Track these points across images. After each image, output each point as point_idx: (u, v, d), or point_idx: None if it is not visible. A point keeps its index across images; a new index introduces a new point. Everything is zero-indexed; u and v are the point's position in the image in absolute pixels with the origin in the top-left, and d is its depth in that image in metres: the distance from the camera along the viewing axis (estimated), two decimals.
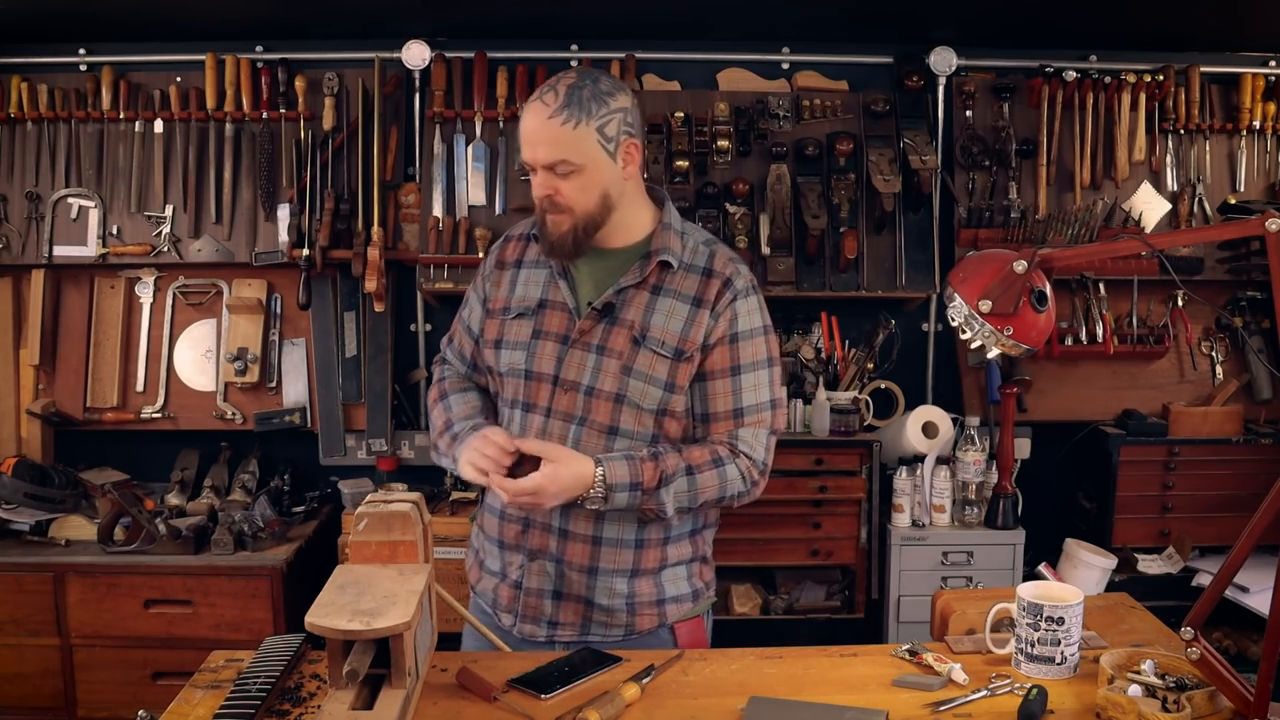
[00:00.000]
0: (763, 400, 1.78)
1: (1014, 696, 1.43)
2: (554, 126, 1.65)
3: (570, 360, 1.74)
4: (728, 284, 1.75)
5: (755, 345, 1.77)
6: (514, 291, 1.82)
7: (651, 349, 1.72)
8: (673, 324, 1.73)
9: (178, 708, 1.40)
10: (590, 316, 1.74)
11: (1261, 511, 1.31)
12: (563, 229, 1.71)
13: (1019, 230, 3.09)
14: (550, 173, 1.68)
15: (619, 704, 1.40)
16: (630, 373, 1.72)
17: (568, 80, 1.67)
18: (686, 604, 1.83)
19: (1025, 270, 1.64)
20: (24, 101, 3.09)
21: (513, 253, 1.87)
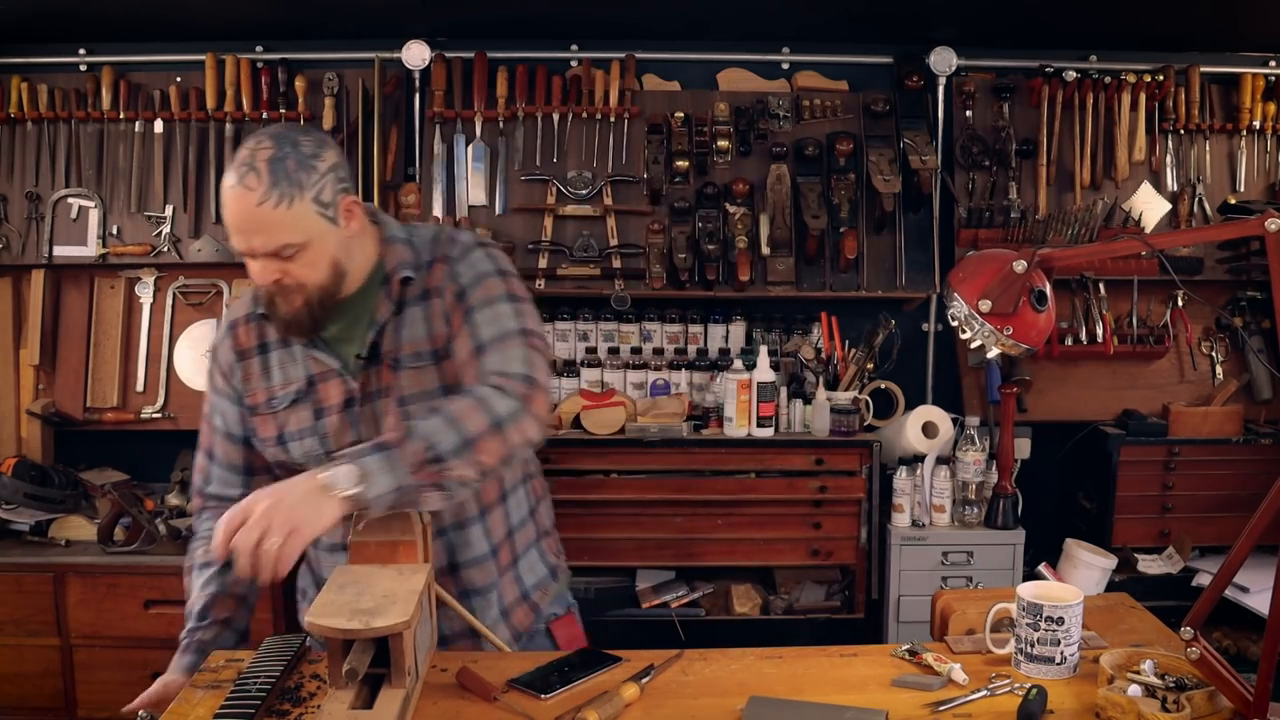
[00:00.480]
0: (507, 329, 1.61)
1: (1014, 696, 1.42)
2: (266, 212, 1.47)
3: (362, 420, 1.64)
4: (447, 259, 1.65)
5: (485, 287, 1.64)
6: (271, 379, 1.67)
7: (409, 367, 1.62)
8: (417, 330, 1.63)
9: (177, 708, 1.40)
10: (361, 369, 1.63)
11: (1261, 511, 1.31)
12: (296, 306, 1.56)
13: (1019, 230, 3.09)
14: (273, 258, 1.51)
15: (618, 704, 1.40)
16: (405, 401, 1.62)
17: (265, 152, 1.48)
18: (549, 586, 1.82)
19: (1025, 270, 1.64)
20: (24, 101, 3.09)
21: (248, 339, 1.69)
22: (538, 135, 3.13)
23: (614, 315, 3.14)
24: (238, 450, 1.72)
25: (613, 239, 3.11)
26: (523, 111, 3.12)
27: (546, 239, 3.10)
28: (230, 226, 1.51)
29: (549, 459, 2.85)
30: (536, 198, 3.13)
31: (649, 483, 2.89)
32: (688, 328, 3.16)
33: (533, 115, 3.13)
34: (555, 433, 2.88)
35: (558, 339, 3.15)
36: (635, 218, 3.12)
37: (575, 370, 3.06)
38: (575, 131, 3.14)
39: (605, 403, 2.90)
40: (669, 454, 2.88)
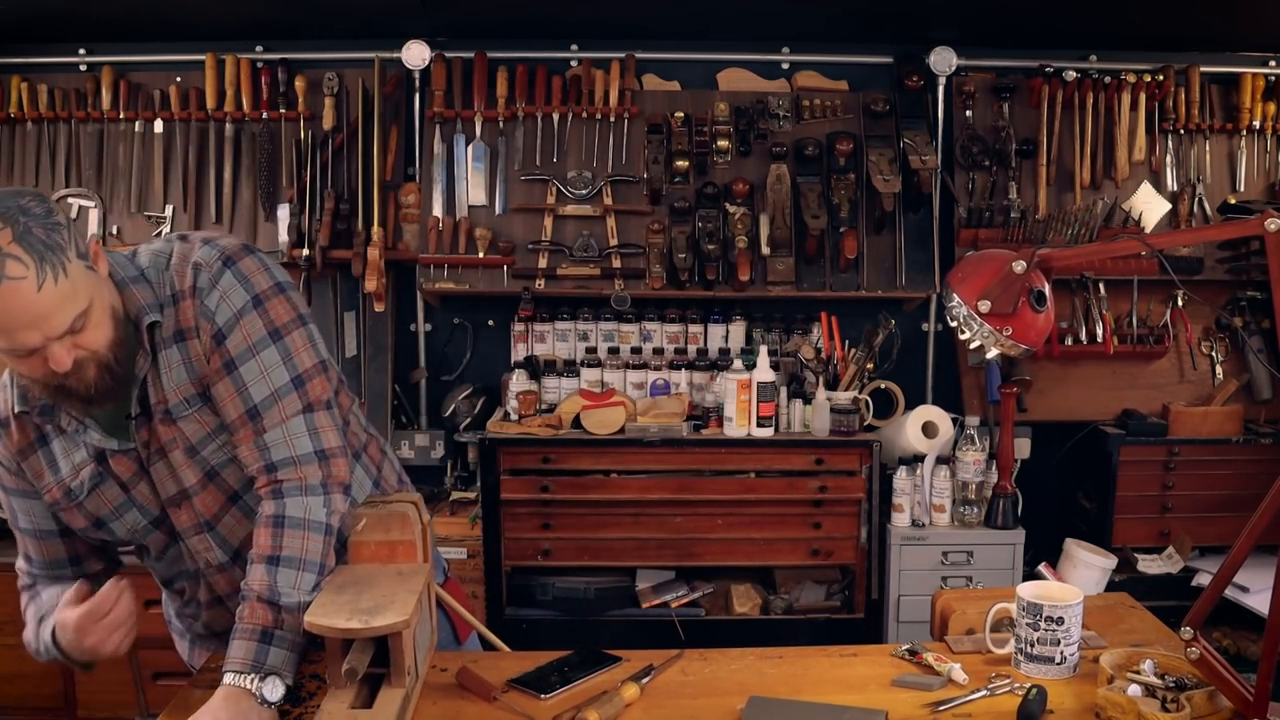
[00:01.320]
0: (281, 383, 1.45)
1: (1013, 696, 1.42)
2: (48, 295, 1.26)
3: (159, 479, 1.49)
4: (195, 291, 1.43)
5: (244, 327, 1.44)
6: (60, 471, 1.49)
7: (185, 414, 1.45)
8: (179, 375, 1.45)
9: (177, 707, 1.39)
10: (137, 429, 1.46)
11: (1261, 511, 1.31)
12: (91, 377, 1.35)
13: (1019, 230, 3.09)
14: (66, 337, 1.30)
15: (618, 704, 1.40)
16: (195, 450, 1.47)
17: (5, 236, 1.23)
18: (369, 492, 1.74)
19: (1024, 270, 1.64)
20: (24, 101, 3.10)
21: (22, 437, 1.49)
22: (538, 135, 3.13)
23: (614, 315, 3.14)
24: (56, 544, 1.57)
25: (613, 239, 3.11)
26: (523, 111, 3.12)
27: (546, 239, 3.10)
28: (10, 328, 1.26)
29: (549, 459, 2.86)
30: (536, 198, 3.13)
31: (649, 483, 2.89)
32: (688, 328, 3.16)
33: (533, 115, 3.13)
34: (555, 433, 2.88)
35: (558, 339, 3.15)
36: (635, 218, 3.12)
37: (575, 370, 3.06)
38: (575, 131, 3.14)
39: (605, 403, 2.90)
40: (669, 454, 2.88)
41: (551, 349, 3.15)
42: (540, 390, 3.04)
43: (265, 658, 1.34)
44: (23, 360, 1.32)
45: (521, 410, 2.96)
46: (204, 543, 1.54)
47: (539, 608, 2.93)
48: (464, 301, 3.24)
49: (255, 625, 1.35)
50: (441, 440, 3.16)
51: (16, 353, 1.30)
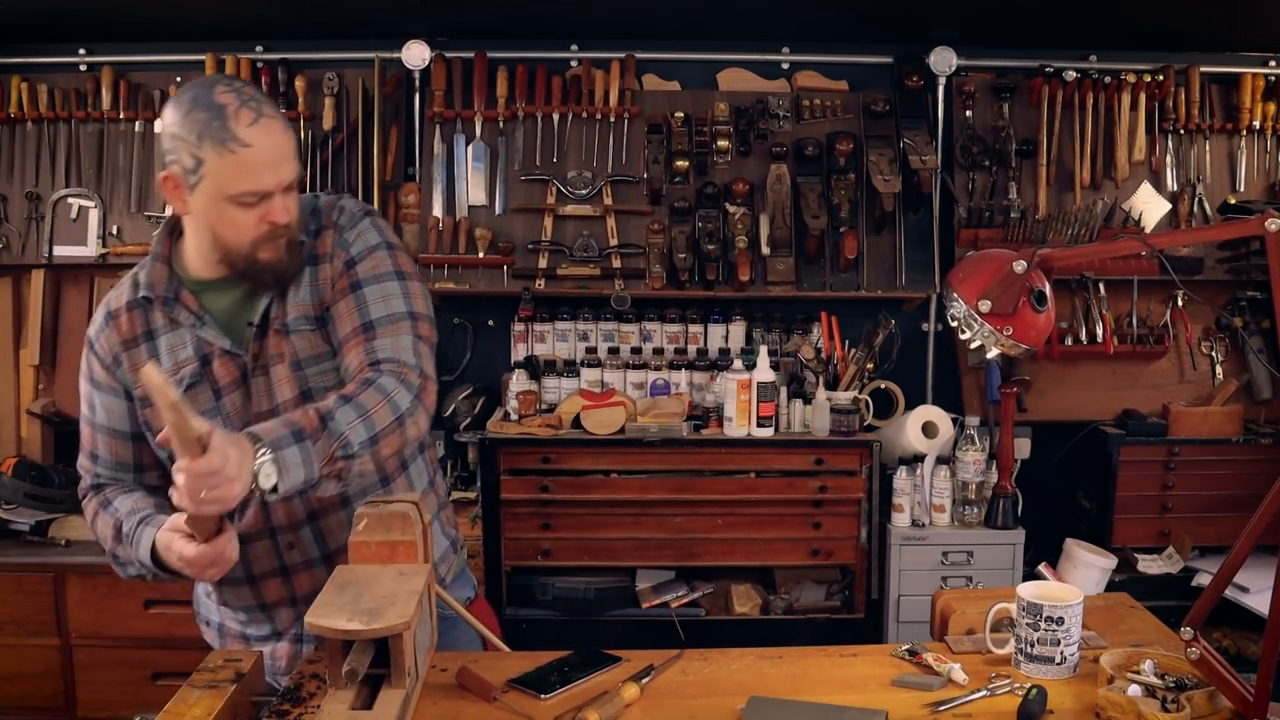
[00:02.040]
0: (397, 310, 1.57)
1: (1013, 696, 1.42)
2: (289, 139, 1.49)
3: (255, 393, 1.59)
4: (335, 226, 1.61)
5: (375, 260, 1.59)
6: (163, 365, 1.58)
7: (299, 330, 1.58)
8: (304, 295, 1.58)
9: (174, 707, 1.39)
10: (253, 339, 1.57)
11: (1261, 511, 1.31)
12: (284, 250, 1.53)
13: (1019, 230, 3.09)
14: (286, 191, 1.50)
15: (618, 704, 1.40)
16: (300, 364, 1.58)
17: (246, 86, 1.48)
18: (450, 557, 1.79)
19: (1025, 270, 1.64)
20: (24, 101, 3.10)
21: (132, 327, 1.60)
22: (538, 135, 3.13)
23: (614, 315, 3.14)
24: (126, 447, 1.63)
25: (613, 239, 3.11)
26: (523, 111, 3.12)
27: (546, 239, 3.10)
28: (263, 165, 1.45)
29: (549, 459, 2.86)
30: (536, 198, 3.13)
31: (649, 483, 2.89)
32: (688, 328, 3.16)
33: (533, 115, 3.13)
34: (555, 433, 2.88)
35: (557, 339, 3.15)
36: (635, 218, 3.12)
37: (575, 370, 3.06)
38: (575, 131, 3.14)
39: (605, 403, 2.90)
40: (669, 454, 2.88)
41: (551, 349, 3.15)
42: (540, 390, 3.04)
43: (285, 445, 1.36)
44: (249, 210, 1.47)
45: (521, 410, 2.96)
46: None
47: (539, 608, 2.93)
48: (464, 301, 3.24)
49: (297, 422, 1.39)
50: (441, 440, 3.16)
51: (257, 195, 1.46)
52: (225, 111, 1.43)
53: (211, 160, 1.45)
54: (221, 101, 1.44)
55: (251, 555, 1.63)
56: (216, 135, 1.43)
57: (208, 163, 1.45)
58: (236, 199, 1.47)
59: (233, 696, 1.41)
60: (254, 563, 1.64)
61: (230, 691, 1.41)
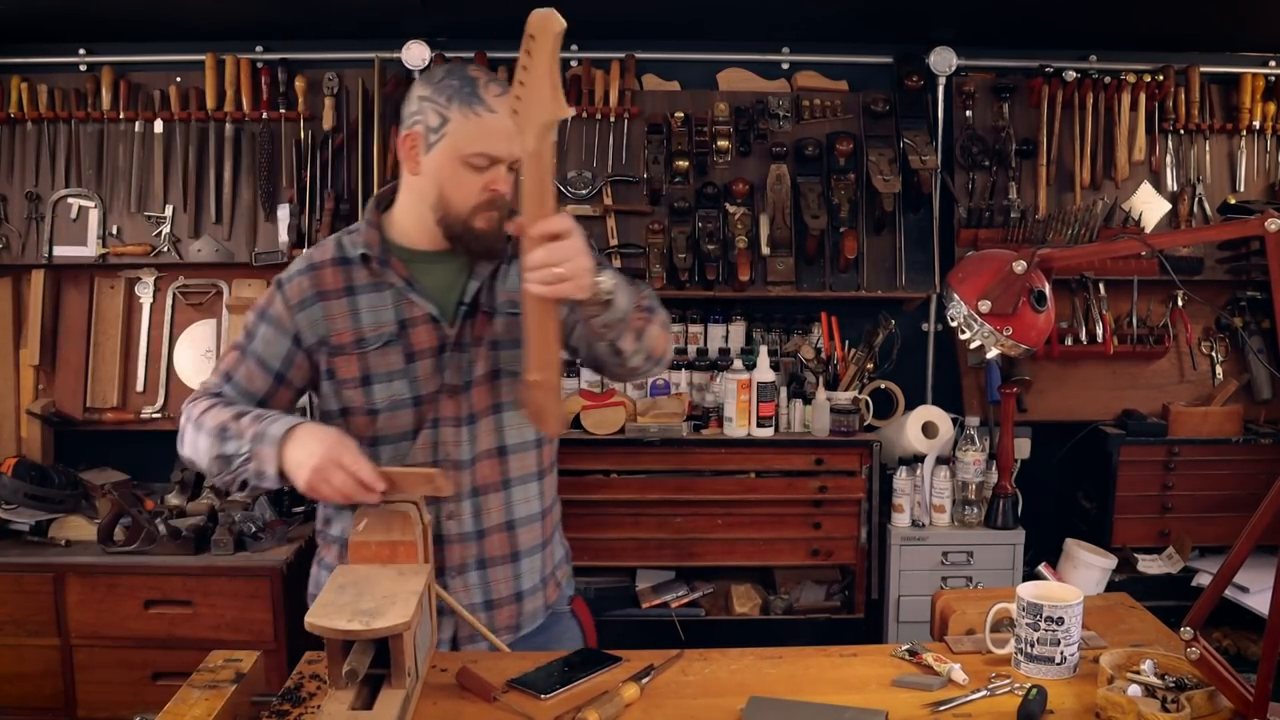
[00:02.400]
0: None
1: (1013, 696, 1.43)
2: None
3: (450, 366, 1.69)
4: None
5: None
6: (360, 321, 1.69)
7: (504, 314, 1.71)
8: (511, 283, 1.71)
9: (174, 707, 1.39)
10: (460, 317, 1.70)
11: (1261, 511, 1.31)
12: (495, 224, 1.66)
13: (1019, 230, 3.09)
14: (509, 169, 1.64)
15: (618, 704, 1.40)
16: (497, 345, 1.71)
17: (484, 70, 1.66)
18: (565, 566, 1.91)
19: (1025, 270, 1.65)
20: (24, 101, 3.09)
21: (335, 280, 1.71)
22: None
23: None
24: (265, 381, 1.71)
25: (613, 239, 3.11)
26: None
27: None
28: (500, 132, 1.59)
29: None
30: None
31: (649, 483, 2.89)
32: (687, 327, 3.16)
33: None
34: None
35: None
36: (635, 218, 3.12)
37: (575, 370, 3.06)
38: (575, 131, 3.14)
39: (605, 402, 2.90)
40: (669, 454, 2.88)
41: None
42: None
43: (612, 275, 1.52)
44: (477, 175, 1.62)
45: None
46: (457, 436, 1.69)
47: None
48: None
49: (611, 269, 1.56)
50: None
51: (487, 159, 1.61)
52: (476, 82, 1.62)
53: (456, 120, 1.61)
54: (474, 75, 1.63)
55: None
56: (466, 98, 1.60)
57: (452, 121, 1.61)
58: (468, 159, 1.61)
59: (233, 697, 1.41)
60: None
61: (230, 692, 1.41)
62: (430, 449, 1.70)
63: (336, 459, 1.47)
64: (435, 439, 1.69)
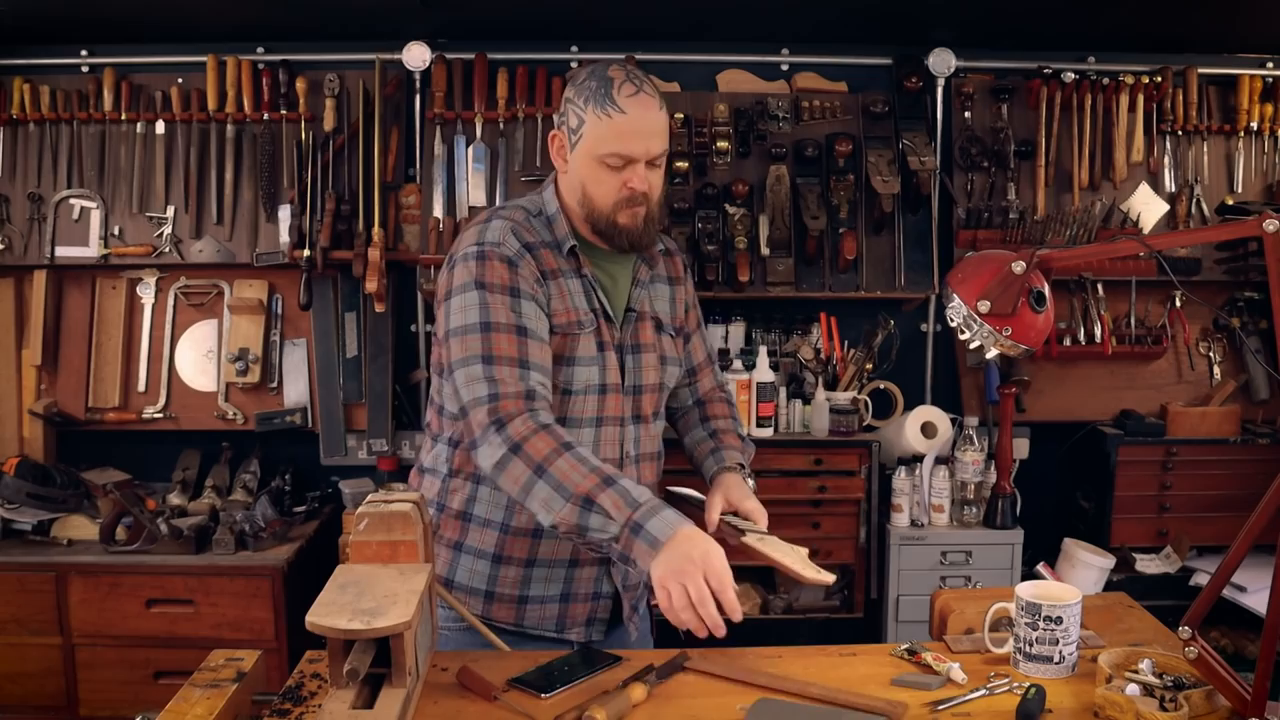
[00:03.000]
0: (713, 347, 2.13)
1: (1012, 695, 1.43)
2: (663, 118, 1.71)
3: (629, 367, 1.81)
4: (679, 255, 1.98)
5: (697, 306, 2.04)
6: (574, 303, 1.76)
7: (669, 334, 1.89)
8: (664, 306, 1.89)
9: (176, 706, 1.40)
10: (628, 321, 1.82)
11: (1259, 511, 1.32)
12: (640, 220, 1.74)
13: (1017, 231, 3.10)
14: (651, 165, 1.71)
15: (625, 703, 1.41)
16: (665, 361, 1.87)
17: (635, 71, 1.71)
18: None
19: (1024, 271, 1.65)
20: (26, 103, 3.10)
21: (550, 263, 1.76)
22: (538, 136, 3.14)
23: None
24: (548, 354, 1.70)
25: None
26: (523, 112, 3.13)
27: None
28: (631, 132, 1.66)
29: None
30: None
31: None
32: None
33: (533, 116, 3.14)
34: None
35: None
36: None
37: None
38: None
39: None
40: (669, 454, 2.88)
41: None
42: None
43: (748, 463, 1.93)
44: (615, 174, 1.69)
45: None
46: (614, 435, 1.80)
47: None
48: None
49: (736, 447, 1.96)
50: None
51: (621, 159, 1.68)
52: (612, 83, 1.67)
53: (590, 121, 1.68)
54: (611, 75, 1.68)
55: None
56: (599, 100, 1.67)
57: (587, 123, 1.68)
58: (604, 159, 1.68)
59: (234, 696, 1.42)
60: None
61: (231, 691, 1.42)
62: (616, 444, 1.81)
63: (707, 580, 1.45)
64: (619, 436, 1.80)
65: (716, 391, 2.05)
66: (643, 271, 1.85)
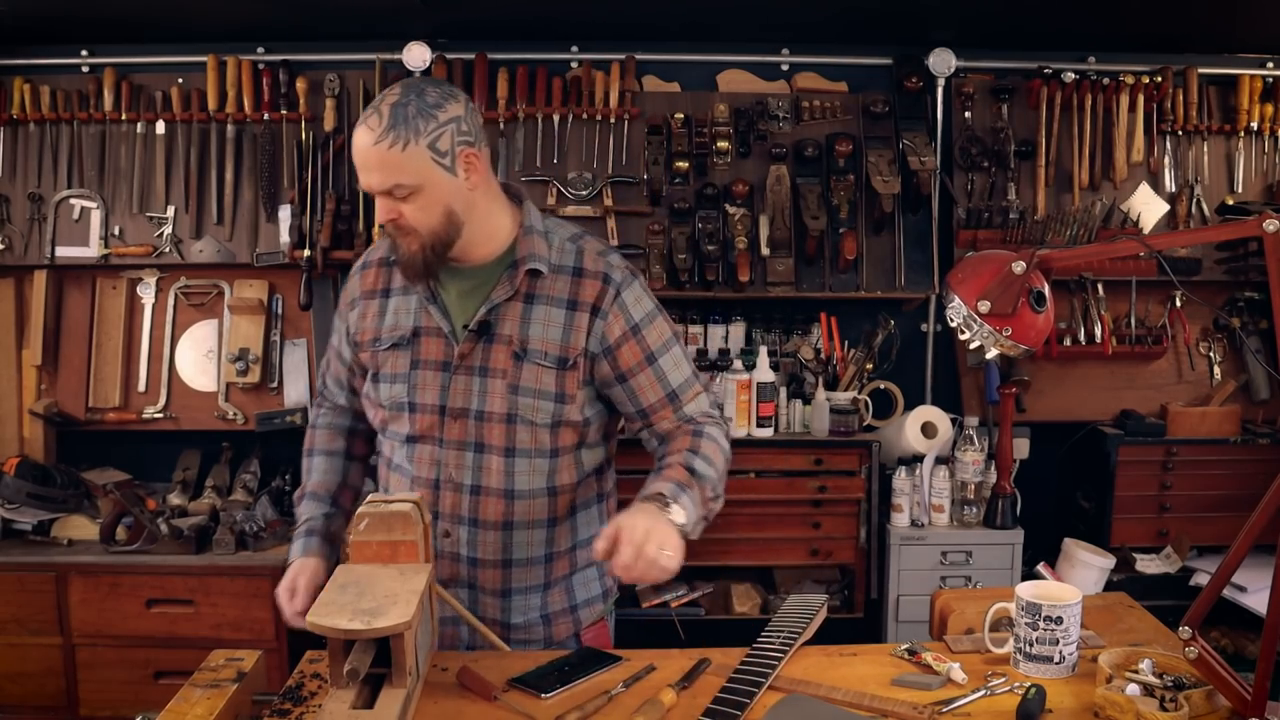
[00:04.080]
0: (687, 375, 1.79)
1: (1013, 696, 1.43)
2: (382, 151, 1.57)
3: (455, 387, 1.70)
4: (606, 280, 1.73)
5: (657, 328, 1.77)
6: (383, 321, 1.76)
7: (535, 362, 1.69)
8: (551, 332, 1.70)
9: (176, 707, 1.40)
10: (468, 339, 1.70)
11: (1259, 511, 1.32)
12: (412, 249, 1.65)
13: (1018, 231, 3.10)
14: (389, 197, 1.61)
15: (660, 710, 1.40)
16: (518, 390, 1.69)
17: (391, 98, 1.58)
18: (597, 605, 1.87)
19: (1024, 271, 1.65)
20: (26, 103, 3.10)
21: (375, 281, 1.80)
22: (538, 136, 3.14)
23: None
24: (344, 371, 1.89)
25: (613, 240, 3.12)
26: (523, 112, 3.13)
27: None
28: (357, 162, 1.61)
29: None
30: (537, 198, 3.11)
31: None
32: (687, 328, 3.17)
33: (533, 116, 3.14)
34: None
35: None
36: (635, 218, 3.13)
37: None
38: (575, 132, 3.14)
39: None
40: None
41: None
42: None
43: (679, 496, 1.60)
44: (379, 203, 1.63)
45: None
46: (429, 456, 1.72)
47: None
48: None
49: (674, 479, 1.63)
50: None
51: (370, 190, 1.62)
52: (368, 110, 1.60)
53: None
54: (377, 99, 1.61)
55: None
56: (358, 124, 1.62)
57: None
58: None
59: (234, 696, 1.42)
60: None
61: (232, 691, 1.42)
62: (433, 465, 1.72)
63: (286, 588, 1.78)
64: (439, 457, 1.72)
65: (682, 426, 1.77)
66: (500, 290, 1.69)
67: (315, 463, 1.90)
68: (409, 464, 1.75)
